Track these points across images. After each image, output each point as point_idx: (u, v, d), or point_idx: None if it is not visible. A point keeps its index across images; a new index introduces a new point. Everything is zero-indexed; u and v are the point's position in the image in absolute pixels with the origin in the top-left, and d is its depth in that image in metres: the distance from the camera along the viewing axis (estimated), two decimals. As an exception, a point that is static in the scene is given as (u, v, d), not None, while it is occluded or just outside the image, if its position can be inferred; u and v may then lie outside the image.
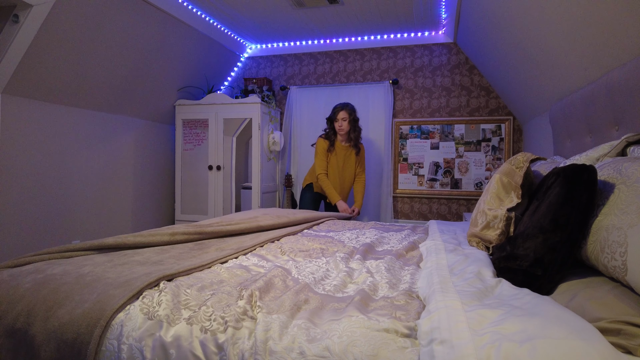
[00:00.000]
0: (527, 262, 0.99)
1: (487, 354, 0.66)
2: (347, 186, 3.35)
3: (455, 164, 3.83)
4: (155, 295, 1.00)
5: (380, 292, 1.09)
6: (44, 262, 1.25)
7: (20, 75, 2.44)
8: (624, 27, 1.42)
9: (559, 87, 2.24)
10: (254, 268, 1.33)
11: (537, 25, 2.08)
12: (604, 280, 0.90)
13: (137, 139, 3.61)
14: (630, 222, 0.81)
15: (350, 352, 0.77)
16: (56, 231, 2.85)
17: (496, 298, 0.91)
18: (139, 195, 3.66)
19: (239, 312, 0.91)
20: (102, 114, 3.21)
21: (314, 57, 4.26)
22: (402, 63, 4.00)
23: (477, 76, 3.78)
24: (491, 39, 2.88)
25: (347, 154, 3.29)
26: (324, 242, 1.71)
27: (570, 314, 0.74)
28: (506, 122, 3.68)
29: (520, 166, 1.39)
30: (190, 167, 3.94)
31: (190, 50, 3.65)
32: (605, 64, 1.64)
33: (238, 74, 4.52)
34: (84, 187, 3.07)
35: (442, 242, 1.56)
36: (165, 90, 3.73)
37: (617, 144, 1.29)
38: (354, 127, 3.24)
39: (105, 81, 3.03)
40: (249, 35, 4.05)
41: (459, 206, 3.83)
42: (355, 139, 3.26)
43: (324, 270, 1.30)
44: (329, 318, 0.90)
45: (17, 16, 2.27)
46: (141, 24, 2.98)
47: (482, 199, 1.52)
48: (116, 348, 0.91)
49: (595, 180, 0.97)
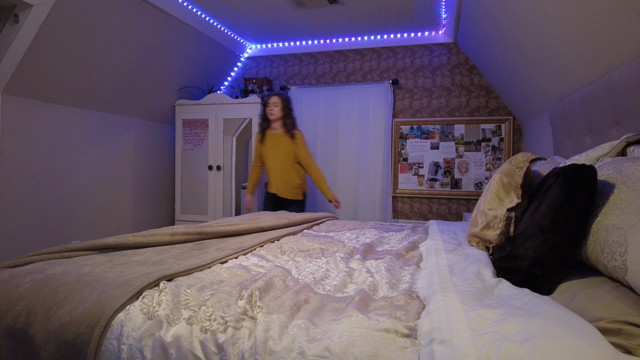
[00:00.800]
0: (527, 262, 0.99)
1: (487, 354, 0.66)
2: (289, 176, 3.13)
3: (455, 164, 3.83)
4: (155, 295, 1.00)
5: (380, 292, 1.09)
6: (44, 262, 1.25)
7: (20, 75, 2.44)
8: (624, 27, 1.42)
9: (559, 87, 2.24)
10: (254, 268, 1.33)
11: (537, 25, 2.08)
12: (604, 280, 0.90)
13: (137, 139, 3.61)
14: (630, 222, 0.81)
15: (350, 352, 0.77)
16: (56, 231, 2.85)
17: (496, 298, 0.91)
18: (139, 195, 3.66)
19: (239, 312, 0.91)
20: (102, 114, 3.21)
21: (314, 57, 4.26)
22: (402, 63, 4.00)
23: (477, 76, 3.78)
24: (491, 39, 2.88)
25: (281, 142, 3.14)
26: (324, 242, 1.71)
27: (570, 314, 0.74)
28: (506, 122, 3.68)
29: (520, 166, 1.39)
30: (190, 167, 3.94)
31: (190, 50, 3.65)
32: (605, 64, 1.64)
33: (238, 74, 4.52)
34: (84, 187, 3.07)
35: (442, 242, 1.56)
36: (165, 90, 3.73)
37: (617, 144, 1.29)
38: (288, 114, 3.14)
39: (105, 81, 3.03)
40: (249, 35, 4.05)
41: (459, 206, 3.83)
42: (291, 124, 3.14)
43: (324, 270, 1.30)
44: (329, 318, 0.90)
45: (17, 16, 2.27)
46: (141, 24, 2.98)
47: (482, 199, 1.52)
48: (116, 348, 0.91)
49: (595, 180, 0.97)
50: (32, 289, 1.03)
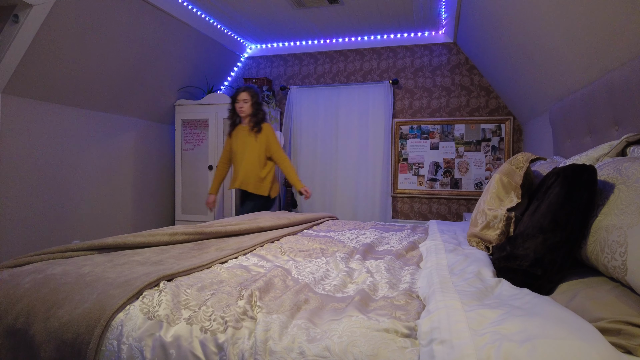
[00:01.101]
0: (527, 262, 0.99)
1: (487, 354, 0.66)
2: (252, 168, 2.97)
3: (455, 164, 3.83)
4: (155, 295, 1.00)
5: (380, 292, 1.09)
6: (44, 262, 1.25)
7: (20, 75, 2.44)
8: (624, 27, 1.42)
9: (559, 87, 2.24)
10: (253, 268, 1.33)
11: (537, 25, 2.08)
12: (604, 280, 0.90)
13: (137, 139, 3.61)
14: (630, 222, 0.81)
15: (350, 352, 0.77)
16: (56, 231, 2.85)
17: (496, 298, 0.91)
18: (139, 195, 3.66)
19: (239, 312, 0.91)
20: (102, 114, 3.21)
21: (313, 57, 4.26)
22: (402, 63, 4.00)
23: (477, 76, 3.78)
24: (491, 39, 2.88)
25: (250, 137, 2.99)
26: (323, 242, 1.71)
27: (570, 314, 0.74)
28: (506, 122, 3.68)
29: (520, 166, 1.39)
30: (190, 167, 3.94)
31: (190, 50, 3.65)
32: (605, 64, 1.64)
33: (238, 73, 4.52)
34: (84, 187, 3.07)
35: (442, 242, 1.56)
36: (165, 90, 3.73)
37: (617, 144, 1.29)
38: (258, 109, 2.98)
39: (105, 81, 3.03)
40: (249, 35, 4.05)
41: (459, 206, 3.83)
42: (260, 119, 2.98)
43: (324, 270, 1.30)
44: (329, 318, 0.90)
45: (17, 16, 2.27)
46: (141, 24, 2.98)
47: (482, 199, 1.52)
48: (116, 348, 0.91)
49: (595, 180, 0.97)
50: (32, 289, 1.03)
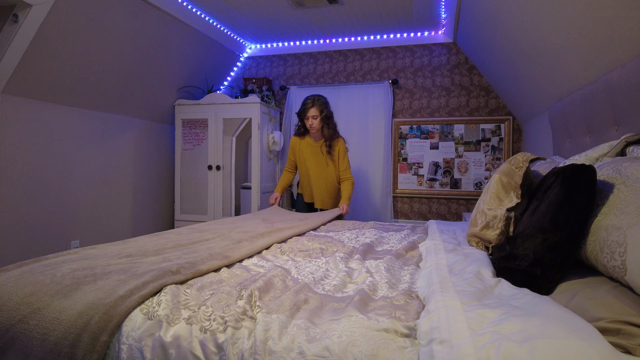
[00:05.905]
0: (526, 262, 0.99)
1: (486, 354, 0.66)
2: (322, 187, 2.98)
3: (455, 163, 3.83)
4: (155, 295, 0.99)
5: (380, 292, 1.09)
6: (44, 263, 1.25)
7: (20, 75, 2.44)
8: (624, 27, 1.42)
9: (558, 87, 2.24)
10: (253, 268, 1.33)
11: (537, 25, 2.08)
12: (604, 280, 0.90)
13: (137, 139, 3.60)
14: (629, 222, 0.81)
15: (349, 352, 0.77)
16: (56, 231, 2.85)
17: (496, 298, 0.91)
18: (139, 195, 3.66)
19: (239, 312, 0.91)
20: (102, 114, 3.21)
21: (313, 57, 4.26)
22: (401, 63, 4.00)
23: (476, 76, 3.78)
24: (491, 39, 2.88)
25: (317, 151, 2.96)
26: (323, 242, 1.71)
27: (569, 313, 0.74)
28: (506, 122, 3.68)
29: (520, 166, 1.39)
30: (190, 167, 3.94)
31: (190, 50, 3.65)
32: (605, 64, 1.64)
33: (238, 73, 4.52)
34: (83, 187, 3.07)
35: (441, 242, 1.56)
36: (165, 90, 3.72)
37: (616, 144, 1.29)
38: (327, 123, 2.88)
39: (105, 81, 3.03)
40: (249, 35, 4.05)
41: (459, 206, 3.83)
42: (330, 136, 2.90)
43: (324, 270, 1.30)
44: (328, 318, 0.90)
45: (17, 16, 2.27)
46: (141, 24, 2.98)
47: (481, 199, 1.52)
48: (116, 348, 0.91)
49: (595, 180, 0.97)
50: (31, 289, 1.03)
